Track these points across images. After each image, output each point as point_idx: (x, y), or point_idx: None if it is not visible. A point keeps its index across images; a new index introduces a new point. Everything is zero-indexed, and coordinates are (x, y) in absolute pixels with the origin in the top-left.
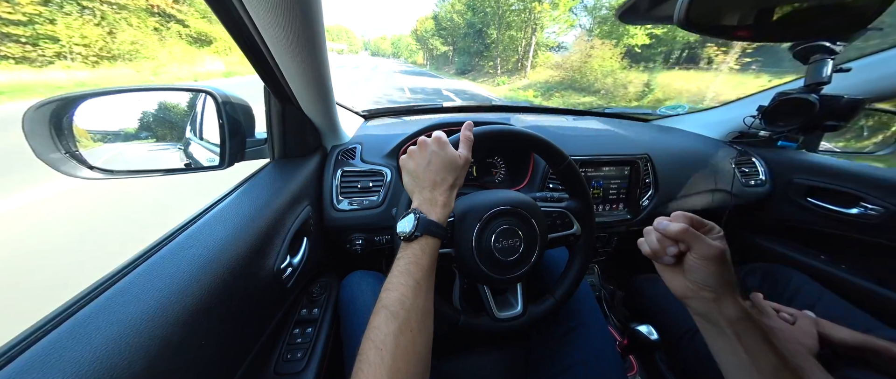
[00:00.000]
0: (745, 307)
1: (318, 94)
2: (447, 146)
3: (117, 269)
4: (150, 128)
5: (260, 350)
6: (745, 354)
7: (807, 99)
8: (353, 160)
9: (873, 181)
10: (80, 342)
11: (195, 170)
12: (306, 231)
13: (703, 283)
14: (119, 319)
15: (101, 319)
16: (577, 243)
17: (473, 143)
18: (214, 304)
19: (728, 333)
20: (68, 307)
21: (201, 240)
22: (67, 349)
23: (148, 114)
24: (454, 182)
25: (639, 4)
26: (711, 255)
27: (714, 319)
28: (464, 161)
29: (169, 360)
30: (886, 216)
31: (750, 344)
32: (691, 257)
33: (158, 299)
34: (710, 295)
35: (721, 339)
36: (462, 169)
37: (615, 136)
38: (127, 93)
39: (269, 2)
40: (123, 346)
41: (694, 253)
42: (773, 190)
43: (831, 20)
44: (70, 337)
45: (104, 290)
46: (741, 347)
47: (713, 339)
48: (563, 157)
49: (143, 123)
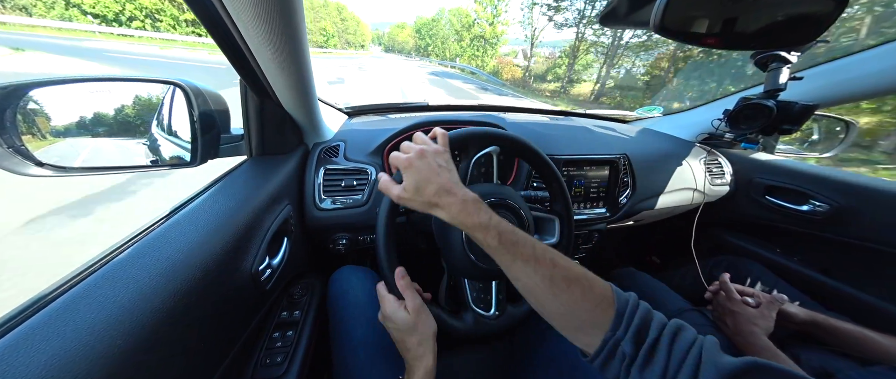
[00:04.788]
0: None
1: (299, 88)
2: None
3: (70, 274)
4: (109, 121)
5: (236, 356)
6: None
7: (765, 104)
8: (337, 158)
9: (821, 180)
10: (24, 356)
11: (162, 167)
12: (287, 231)
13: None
14: (73, 328)
15: (51, 329)
16: (559, 243)
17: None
18: (184, 309)
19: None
20: (11, 318)
21: (170, 241)
22: (8, 365)
23: (108, 106)
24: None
25: (617, 9)
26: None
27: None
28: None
29: (132, 369)
30: (831, 212)
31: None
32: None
33: (119, 306)
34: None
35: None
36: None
37: (595, 137)
38: (81, 82)
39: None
40: (76, 359)
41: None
42: (737, 188)
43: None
44: (12, 352)
45: (55, 297)
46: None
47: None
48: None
49: (102, 117)
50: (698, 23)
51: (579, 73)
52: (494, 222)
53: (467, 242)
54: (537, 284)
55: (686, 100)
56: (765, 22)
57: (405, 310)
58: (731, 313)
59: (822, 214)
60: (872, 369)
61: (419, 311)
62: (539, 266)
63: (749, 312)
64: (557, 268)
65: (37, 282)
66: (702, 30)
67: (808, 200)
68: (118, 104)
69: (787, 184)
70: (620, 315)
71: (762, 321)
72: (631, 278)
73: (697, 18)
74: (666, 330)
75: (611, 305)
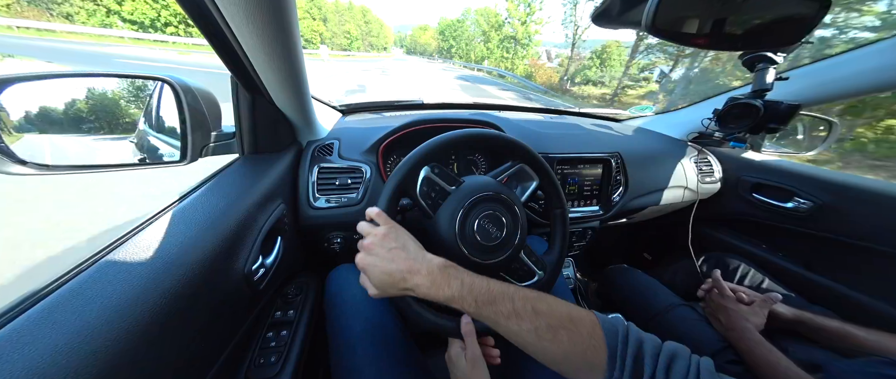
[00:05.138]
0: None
1: (292, 85)
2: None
3: (60, 273)
4: (96, 118)
5: (229, 357)
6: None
7: (753, 103)
8: (331, 156)
9: (804, 178)
10: (15, 353)
11: (151, 165)
12: (280, 230)
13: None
14: (63, 327)
15: (42, 326)
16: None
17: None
18: (176, 309)
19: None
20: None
21: (160, 241)
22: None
23: (94, 102)
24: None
25: (610, 9)
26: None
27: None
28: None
29: (124, 369)
30: (814, 209)
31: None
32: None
33: (109, 306)
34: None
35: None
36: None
37: (589, 136)
38: (66, 77)
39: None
40: (67, 357)
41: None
42: (726, 186)
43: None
44: (2, 349)
45: (46, 295)
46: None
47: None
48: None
49: (88, 113)
50: (689, 23)
51: (636, 75)
52: (466, 287)
53: (460, 238)
54: (526, 340)
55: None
56: (752, 23)
57: (465, 358)
58: (725, 310)
59: (805, 210)
60: (856, 360)
61: (476, 362)
62: (522, 321)
63: (741, 309)
64: (540, 316)
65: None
66: (692, 30)
67: (792, 197)
68: (104, 100)
69: (772, 181)
70: (613, 355)
71: (754, 318)
72: (624, 275)
73: (688, 19)
74: (660, 363)
75: (601, 343)
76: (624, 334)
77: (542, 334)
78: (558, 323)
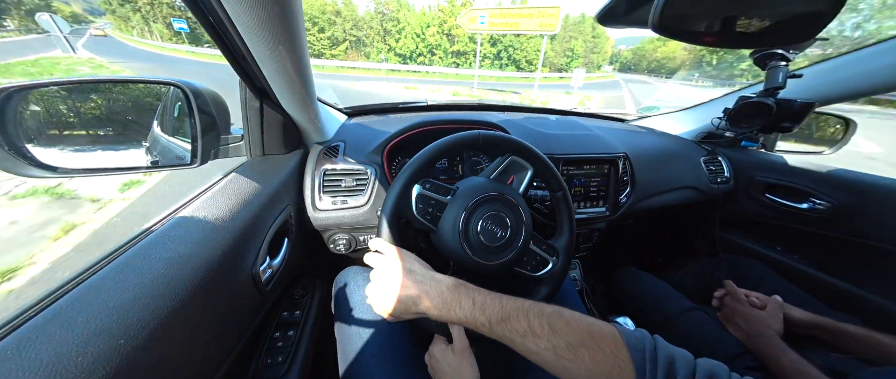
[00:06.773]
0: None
1: (299, 89)
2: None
3: (73, 274)
4: (111, 122)
5: (238, 357)
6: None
7: (765, 102)
8: (336, 158)
9: (821, 178)
10: (29, 354)
11: (162, 168)
12: (287, 231)
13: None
14: (75, 327)
15: (55, 328)
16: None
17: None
18: (185, 310)
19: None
20: (15, 317)
21: (170, 242)
22: (13, 362)
23: (109, 107)
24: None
25: (616, 9)
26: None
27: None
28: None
29: (134, 368)
30: (831, 211)
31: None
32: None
33: (121, 306)
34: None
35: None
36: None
37: (595, 137)
38: (84, 84)
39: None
40: (79, 357)
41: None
42: (737, 187)
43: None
44: (16, 350)
45: (59, 296)
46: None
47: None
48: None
49: (103, 117)
50: (697, 21)
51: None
52: (478, 306)
53: (466, 244)
54: (545, 359)
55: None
56: (763, 21)
57: (452, 352)
58: (743, 316)
59: (823, 211)
60: (884, 369)
61: (464, 353)
62: (539, 339)
63: (761, 315)
64: (558, 334)
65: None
66: (700, 28)
67: (808, 197)
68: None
69: (787, 182)
70: (641, 372)
71: (776, 324)
72: (633, 278)
73: (696, 17)
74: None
75: (627, 363)
76: (651, 351)
77: (562, 353)
78: (578, 341)
